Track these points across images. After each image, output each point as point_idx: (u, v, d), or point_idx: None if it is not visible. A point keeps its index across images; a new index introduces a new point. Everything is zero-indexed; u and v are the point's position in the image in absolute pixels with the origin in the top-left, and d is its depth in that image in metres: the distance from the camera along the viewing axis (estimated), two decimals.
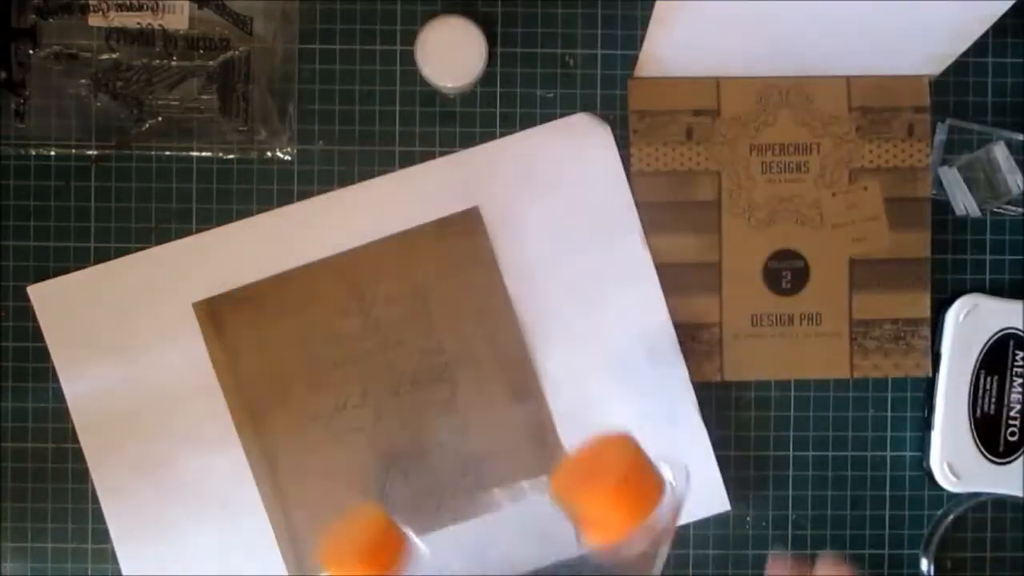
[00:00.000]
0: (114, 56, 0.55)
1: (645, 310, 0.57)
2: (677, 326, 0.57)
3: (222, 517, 0.56)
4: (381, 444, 0.57)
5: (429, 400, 0.57)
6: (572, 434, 0.57)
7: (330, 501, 0.56)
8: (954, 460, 0.57)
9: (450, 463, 0.57)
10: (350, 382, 0.57)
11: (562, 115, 0.57)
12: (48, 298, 0.56)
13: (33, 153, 0.56)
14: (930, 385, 0.58)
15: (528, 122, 0.57)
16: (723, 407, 0.58)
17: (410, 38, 0.56)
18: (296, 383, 0.56)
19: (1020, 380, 0.57)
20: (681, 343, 0.57)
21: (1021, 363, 0.57)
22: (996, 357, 0.57)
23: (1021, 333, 0.57)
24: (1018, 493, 0.57)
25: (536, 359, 0.56)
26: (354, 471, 0.57)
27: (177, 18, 0.55)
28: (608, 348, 0.56)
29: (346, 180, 0.57)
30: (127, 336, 0.56)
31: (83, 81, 0.55)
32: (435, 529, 0.57)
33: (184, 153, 0.57)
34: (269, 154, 0.57)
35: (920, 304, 0.58)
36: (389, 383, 0.57)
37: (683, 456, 0.57)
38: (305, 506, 0.56)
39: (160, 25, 0.55)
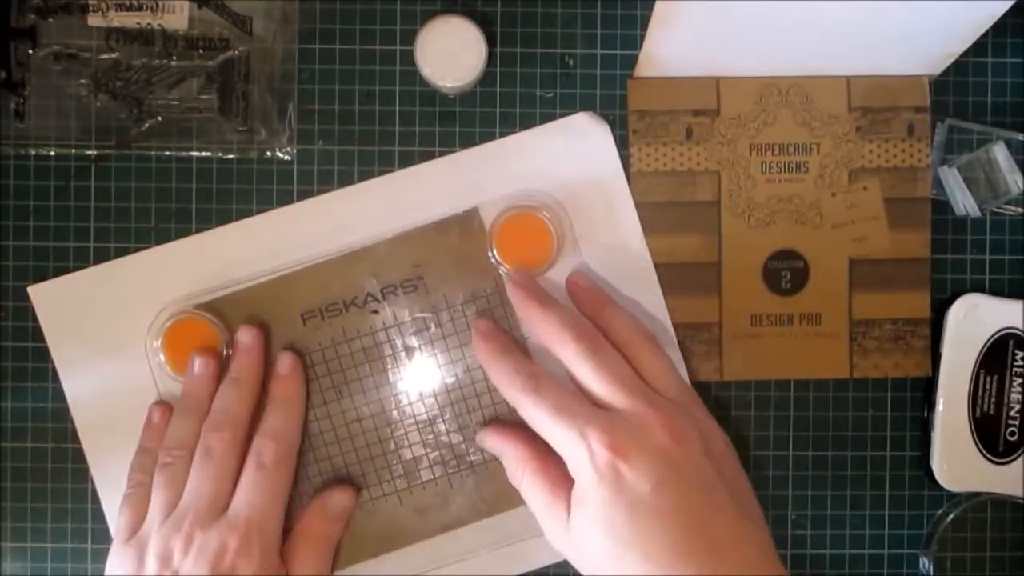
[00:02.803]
0: (114, 56, 0.55)
1: (645, 310, 0.57)
2: (677, 326, 0.57)
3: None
4: (382, 446, 0.57)
5: (429, 402, 0.57)
6: None
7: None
8: (954, 460, 0.57)
9: (450, 465, 0.57)
10: (351, 384, 0.57)
11: (562, 115, 0.57)
12: (48, 298, 0.56)
13: (33, 153, 0.56)
14: (930, 385, 0.58)
15: (528, 122, 0.57)
16: (723, 407, 0.58)
17: (410, 38, 0.56)
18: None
19: (1020, 380, 0.57)
20: (680, 343, 0.57)
21: (1021, 363, 0.57)
22: (996, 357, 0.57)
23: (1021, 333, 0.57)
24: (1018, 493, 0.57)
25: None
26: (354, 474, 0.57)
27: (177, 18, 0.55)
28: None
29: (346, 180, 0.57)
30: (127, 336, 0.56)
31: (83, 81, 0.56)
32: (436, 532, 0.57)
33: (184, 153, 0.57)
34: (269, 154, 0.57)
35: (920, 304, 0.58)
36: (390, 385, 0.57)
37: None
38: (307, 505, 0.56)
39: (160, 25, 0.55)
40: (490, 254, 0.56)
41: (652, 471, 0.46)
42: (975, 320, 0.57)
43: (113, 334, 0.56)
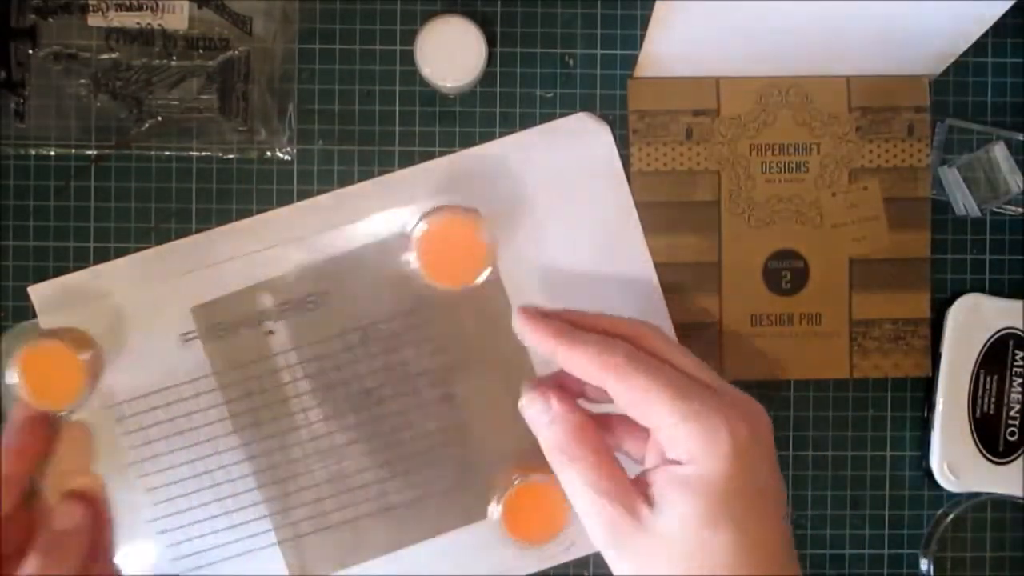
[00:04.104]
0: (114, 56, 0.55)
1: (645, 310, 0.57)
2: (677, 326, 0.57)
3: (222, 518, 0.56)
4: (381, 445, 0.57)
5: (428, 402, 0.57)
6: None
7: (330, 501, 0.56)
8: (954, 460, 0.57)
9: (449, 465, 0.57)
10: (350, 384, 0.56)
11: (562, 115, 0.57)
12: (48, 298, 0.56)
13: (33, 153, 0.56)
14: (930, 385, 0.58)
15: (528, 122, 0.57)
16: None
17: (410, 38, 0.56)
18: (295, 385, 0.56)
19: (1020, 380, 0.57)
20: (681, 343, 0.57)
21: (1021, 363, 0.57)
22: (996, 357, 0.57)
23: (1021, 333, 0.57)
24: (1018, 493, 0.57)
25: (535, 359, 0.56)
26: (353, 473, 0.57)
27: (177, 18, 0.55)
28: None
29: (346, 180, 0.57)
30: (127, 336, 0.56)
31: (83, 81, 0.55)
32: (436, 533, 0.57)
33: (184, 153, 0.57)
34: (269, 154, 0.57)
35: (920, 304, 0.58)
36: (389, 384, 0.57)
37: None
38: (306, 507, 0.56)
39: (160, 25, 0.55)
40: (408, 259, 0.51)
41: (770, 460, 0.45)
42: (975, 320, 0.57)
43: (113, 334, 0.56)
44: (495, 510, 0.53)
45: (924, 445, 0.58)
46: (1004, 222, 0.59)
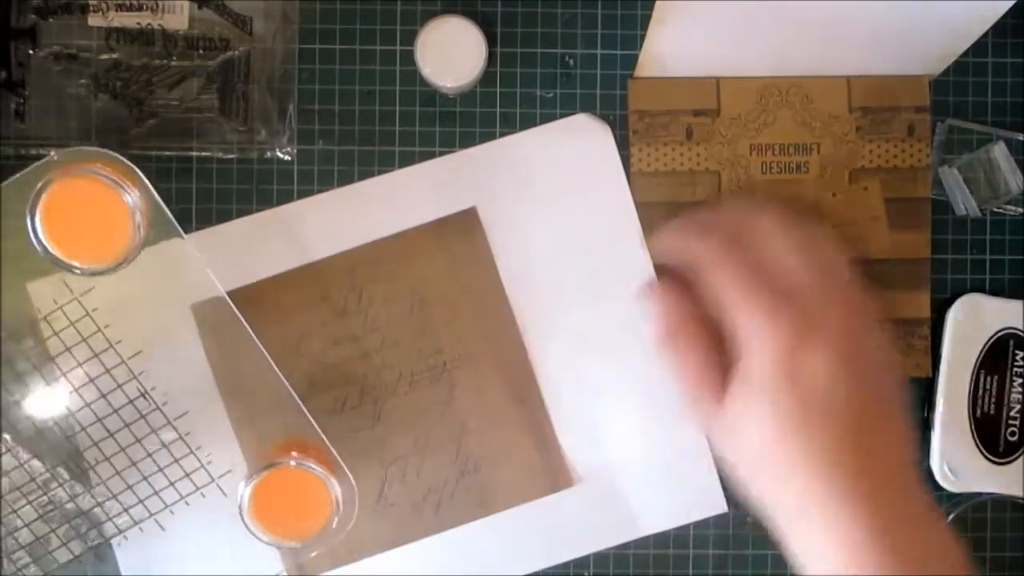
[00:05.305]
0: (114, 56, 0.55)
1: (643, 311, 0.56)
2: None
3: (220, 518, 0.56)
4: (379, 445, 0.57)
5: (427, 401, 0.57)
6: (570, 434, 0.57)
7: None
8: (954, 460, 0.57)
9: (448, 464, 0.57)
10: (348, 383, 0.57)
11: (562, 115, 0.57)
12: (47, 296, 0.56)
13: (33, 153, 0.56)
14: (930, 385, 0.58)
15: (528, 122, 0.57)
16: None
17: (410, 38, 0.56)
18: (294, 384, 0.56)
19: (1020, 380, 0.57)
20: None
21: (1021, 363, 0.57)
22: (996, 357, 0.57)
23: (1021, 333, 0.57)
24: (1018, 493, 0.57)
25: (534, 360, 0.56)
26: (352, 472, 0.57)
27: (177, 18, 0.55)
28: (606, 349, 0.56)
29: (346, 180, 0.57)
30: (126, 336, 0.56)
31: (83, 81, 0.56)
32: (435, 531, 0.57)
33: (184, 153, 0.57)
34: (269, 154, 0.57)
35: (920, 304, 0.58)
36: (387, 384, 0.57)
37: (681, 456, 0.57)
38: None
39: (160, 25, 0.55)
40: (31, 232, 0.41)
41: (830, 365, 0.46)
42: (975, 320, 0.57)
43: (112, 334, 0.56)
44: (244, 493, 0.47)
45: (924, 445, 0.58)
46: (1004, 222, 0.59)
